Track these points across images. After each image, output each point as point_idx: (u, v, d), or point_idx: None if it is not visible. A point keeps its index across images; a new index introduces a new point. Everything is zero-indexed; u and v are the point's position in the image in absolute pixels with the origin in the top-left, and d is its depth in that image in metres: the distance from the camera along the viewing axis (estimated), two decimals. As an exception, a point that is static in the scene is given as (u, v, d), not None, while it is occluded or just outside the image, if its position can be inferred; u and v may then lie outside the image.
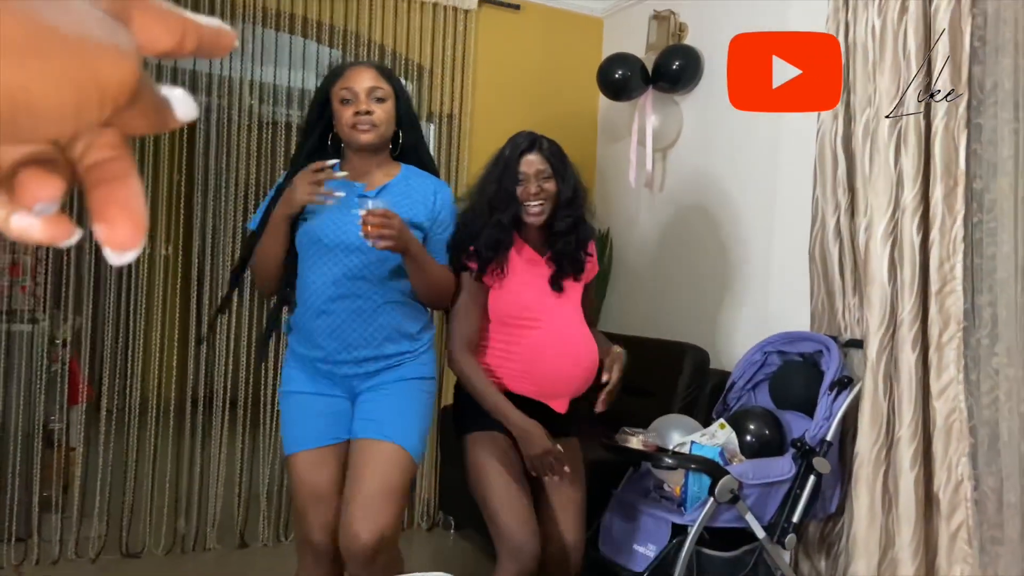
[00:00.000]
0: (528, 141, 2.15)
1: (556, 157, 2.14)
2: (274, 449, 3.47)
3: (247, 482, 3.44)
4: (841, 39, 2.56)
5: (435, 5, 3.68)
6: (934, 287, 2.30)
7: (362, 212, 1.82)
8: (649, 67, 3.53)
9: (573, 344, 2.15)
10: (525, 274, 2.15)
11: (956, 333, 2.27)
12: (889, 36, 2.39)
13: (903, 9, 2.37)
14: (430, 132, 3.92)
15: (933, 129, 2.30)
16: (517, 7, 3.87)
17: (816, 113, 2.64)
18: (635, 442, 2.39)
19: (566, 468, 2.07)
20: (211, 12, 3.29)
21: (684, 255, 3.56)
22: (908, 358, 2.31)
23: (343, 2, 3.50)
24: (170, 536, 3.33)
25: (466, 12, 3.73)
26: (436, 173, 2.14)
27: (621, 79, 3.55)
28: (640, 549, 2.31)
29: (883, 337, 2.38)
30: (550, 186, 2.12)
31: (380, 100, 1.99)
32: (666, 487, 2.49)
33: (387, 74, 2.03)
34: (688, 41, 3.54)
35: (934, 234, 2.29)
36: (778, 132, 3.07)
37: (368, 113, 1.97)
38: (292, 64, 3.59)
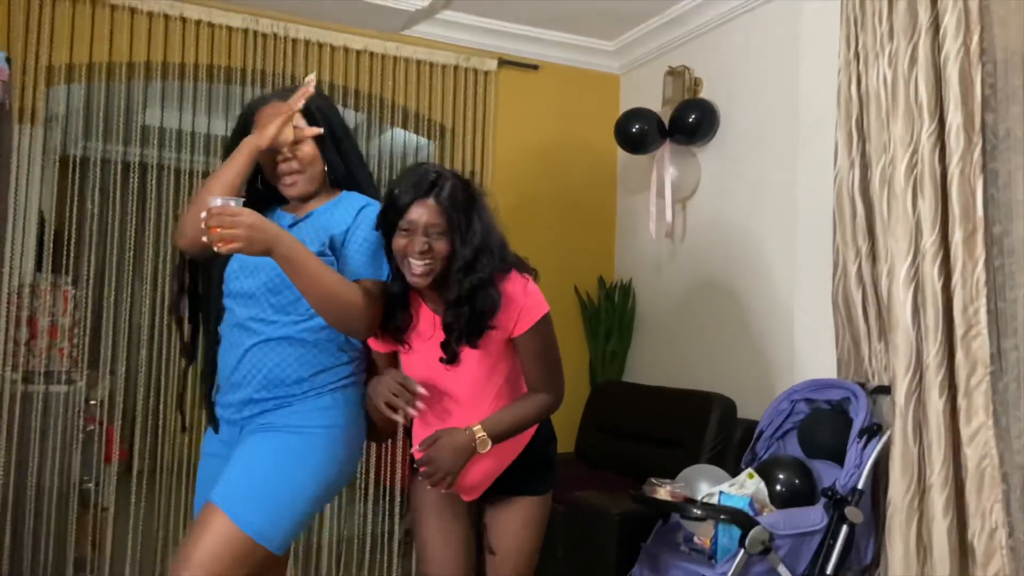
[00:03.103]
0: (425, 184, 1.71)
1: (456, 209, 1.71)
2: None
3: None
4: (854, 89, 2.61)
5: (456, 68, 3.80)
6: (959, 331, 2.29)
7: (202, 215, 1.53)
8: (666, 121, 3.61)
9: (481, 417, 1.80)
10: (418, 342, 1.83)
11: (984, 377, 2.26)
12: (901, 85, 2.44)
13: (912, 60, 2.42)
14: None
15: (949, 174, 2.33)
16: (535, 67, 3.98)
17: (832, 161, 2.68)
18: (663, 493, 2.39)
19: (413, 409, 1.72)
20: (242, 86, 3.43)
21: (707, 304, 3.57)
22: (936, 404, 2.30)
23: (368, 68, 3.63)
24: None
25: (486, 73, 3.85)
26: (376, 195, 1.85)
27: (638, 133, 3.63)
28: (671, 603, 2.28)
29: (910, 382, 2.37)
30: (441, 246, 1.71)
31: (296, 145, 1.75)
32: (696, 539, 2.46)
33: (304, 109, 1.77)
34: (704, 95, 3.62)
35: (956, 278, 2.30)
36: (795, 180, 3.11)
37: (287, 160, 1.76)
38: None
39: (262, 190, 1.88)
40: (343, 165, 1.83)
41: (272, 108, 1.77)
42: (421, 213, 1.69)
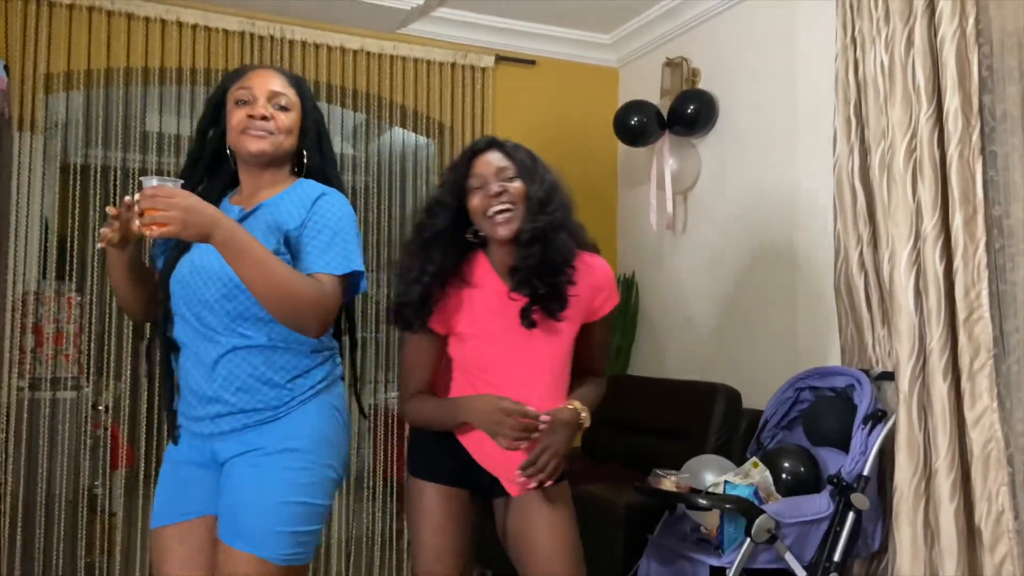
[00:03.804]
0: (483, 143, 1.75)
1: (520, 153, 1.75)
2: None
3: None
4: (851, 75, 2.60)
5: (453, 65, 3.80)
6: (961, 315, 2.28)
7: (133, 199, 1.43)
8: (665, 112, 3.60)
9: (541, 397, 1.73)
10: (484, 312, 1.74)
11: (987, 361, 2.25)
12: (898, 70, 2.43)
13: (909, 43, 2.41)
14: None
15: (948, 157, 2.31)
16: (532, 62, 3.98)
17: (832, 147, 2.67)
18: (668, 484, 2.39)
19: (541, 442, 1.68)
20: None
21: (710, 295, 3.57)
22: (940, 388, 2.29)
23: (365, 68, 3.63)
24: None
25: (483, 70, 3.85)
26: (345, 194, 1.74)
27: (637, 125, 3.62)
28: (678, 593, 2.29)
29: (914, 367, 2.36)
30: (516, 187, 1.69)
31: (283, 108, 1.67)
32: (702, 529, 2.46)
33: (296, 83, 1.72)
34: (702, 85, 3.61)
35: (957, 262, 2.29)
36: (795, 168, 3.10)
37: (264, 119, 1.65)
38: (318, 129, 3.72)
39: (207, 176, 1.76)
40: (320, 161, 1.74)
41: (252, 78, 1.68)
42: (487, 162, 1.71)
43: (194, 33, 3.34)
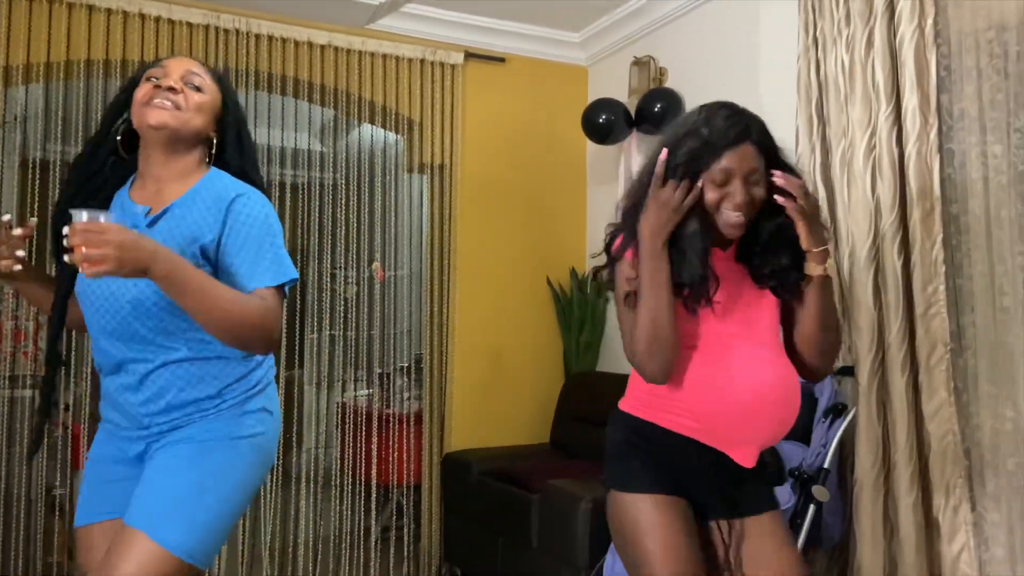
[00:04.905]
0: (740, 125, 1.52)
1: (767, 145, 1.55)
2: (275, 502, 3.47)
3: (249, 541, 3.43)
4: (813, 75, 2.64)
5: (423, 61, 3.79)
6: (919, 310, 2.32)
7: (66, 231, 1.30)
8: (632, 111, 3.62)
9: (765, 368, 1.56)
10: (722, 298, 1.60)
11: (944, 355, 2.29)
12: (858, 70, 2.47)
13: (869, 44, 2.45)
14: (422, 183, 4.01)
15: (906, 156, 2.36)
16: (502, 60, 3.98)
17: (794, 146, 2.71)
18: (633, 479, 2.39)
19: None
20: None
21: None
22: (898, 382, 2.33)
23: (333, 63, 3.61)
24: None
25: (452, 67, 3.85)
26: (265, 192, 1.64)
27: (606, 123, 3.64)
28: (643, 587, 2.29)
29: (873, 361, 2.40)
30: (759, 192, 1.53)
31: (196, 88, 1.57)
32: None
33: (218, 77, 1.63)
34: (669, 84, 3.64)
35: (915, 258, 2.33)
36: (760, 167, 3.13)
37: (172, 90, 1.53)
38: (285, 125, 3.70)
39: (123, 159, 1.64)
40: (240, 161, 1.64)
41: (170, 60, 1.59)
42: (740, 160, 1.51)
43: (157, 26, 3.29)
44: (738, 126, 1.52)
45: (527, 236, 4.03)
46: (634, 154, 3.62)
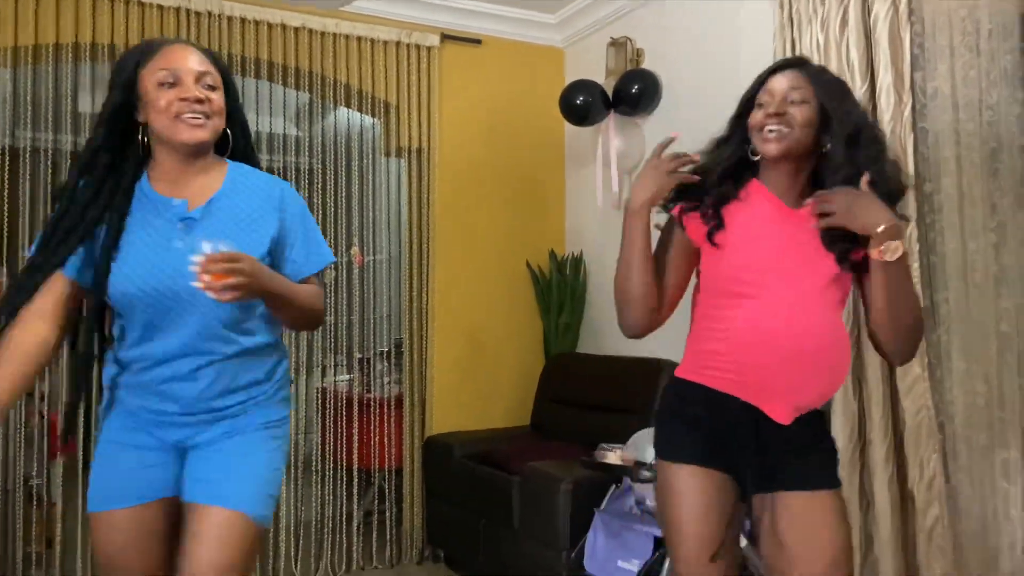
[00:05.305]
0: (792, 59, 1.66)
1: (824, 80, 1.60)
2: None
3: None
4: (789, 53, 2.64)
5: (398, 44, 3.75)
6: (894, 287, 2.35)
7: (197, 260, 1.39)
8: (609, 92, 3.62)
9: (808, 323, 1.53)
10: (758, 229, 1.61)
11: (918, 331, 2.32)
12: (833, 48, 2.48)
13: (844, 22, 2.46)
14: (400, 167, 3.99)
15: (881, 135, 2.37)
16: (478, 42, 3.95)
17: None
18: (613, 457, 2.42)
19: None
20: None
21: (656, 273, 3.60)
22: (873, 358, 2.35)
23: (308, 46, 3.57)
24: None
25: (428, 49, 3.81)
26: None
27: (583, 105, 3.63)
28: (624, 564, 2.32)
29: (849, 338, 2.42)
30: (800, 112, 1.55)
31: (211, 88, 1.58)
32: (648, 502, 2.50)
33: (214, 59, 1.63)
34: (646, 65, 3.63)
35: (890, 236, 2.35)
36: (737, 148, 3.14)
37: (200, 101, 1.54)
38: (259, 109, 3.65)
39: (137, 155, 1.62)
40: (244, 143, 1.71)
41: (170, 56, 1.55)
42: (780, 80, 1.59)
43: (127, 8, 3.23)
44: (784, 60, 1.66)
45: (506, 219, 4.02)
46: (612, 135, 3.61)
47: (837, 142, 1.55)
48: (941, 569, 2.29)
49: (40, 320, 1.56)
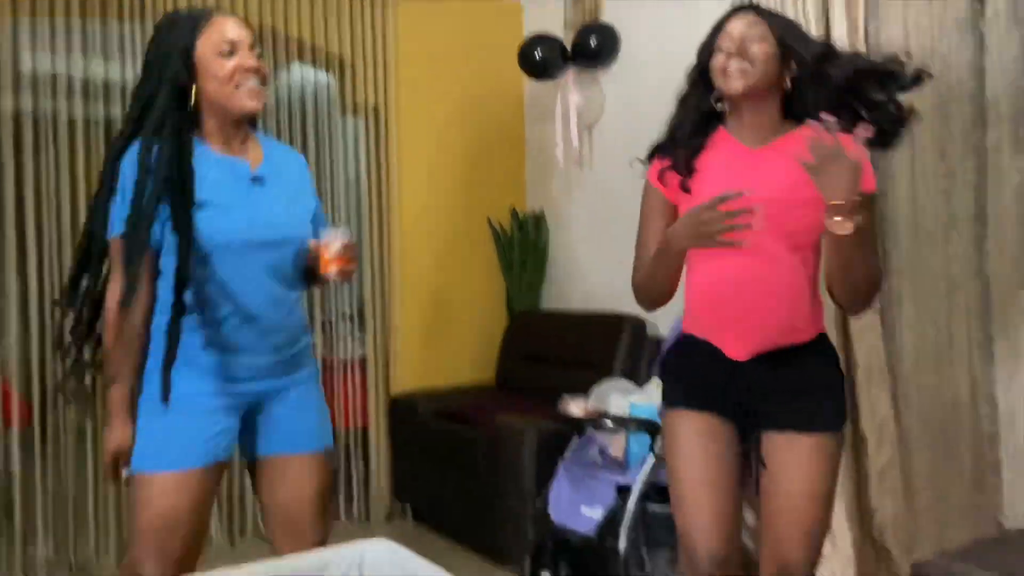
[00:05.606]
0: (742, 4, 1.68)
1: (782, 20, 1.65)
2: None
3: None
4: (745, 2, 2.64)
5: (352, -5, 3.66)
6: (847, 235, 2.39)
7: (330, 244, 1.61)
8: (569, 46, 3.59)
9: (757, 256, 1.56)
10: (718, 171, 1.63)
11: (871, 277, 2.37)
12: (789, 3, 2.49)
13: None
14: (357, 127, 3.91)
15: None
16: (435, -6, 3.87)
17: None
18: (575, 409, 2.45)
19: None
20: (119, 14, 3.22)
21: (617, 229, 3.61)
22: (827, 303, 2.40)
23: (257, -2, 3.46)
24: (120, 550, 3.27)
25: (383, 2, 3.73)
26: None
27: (542, 59, 3.60)
28: (587, 511, 2.37)
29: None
30: (760, 48, 1.57)
31: (260, 57, 1.69)
32: (609, 451, 2.55)
33: (249, 25, 1.74)
34: (604, 18, 3.60)
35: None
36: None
37: (258, 71, 1.64)
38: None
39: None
40: None
41: (226, 26, 1.63)
42: (737, 23, 1.62)
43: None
44: (739, 4, 1.67)
45: (466, 176, 3.99)
46: (571, 90, 3.59)
47: (805, 66, 1.59)
48: (893, 509, 2.38)
49: (143, 301, 1.65)
